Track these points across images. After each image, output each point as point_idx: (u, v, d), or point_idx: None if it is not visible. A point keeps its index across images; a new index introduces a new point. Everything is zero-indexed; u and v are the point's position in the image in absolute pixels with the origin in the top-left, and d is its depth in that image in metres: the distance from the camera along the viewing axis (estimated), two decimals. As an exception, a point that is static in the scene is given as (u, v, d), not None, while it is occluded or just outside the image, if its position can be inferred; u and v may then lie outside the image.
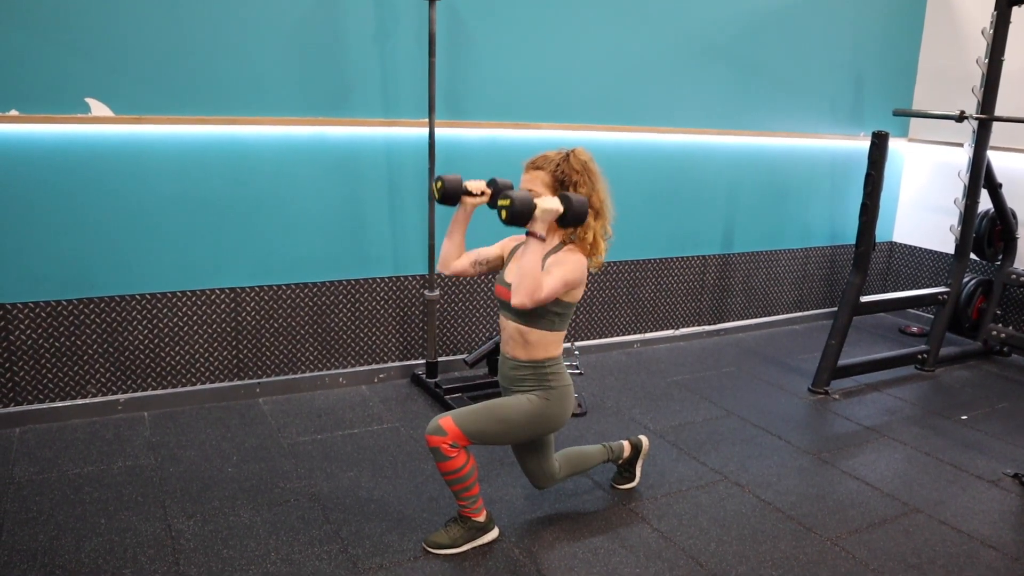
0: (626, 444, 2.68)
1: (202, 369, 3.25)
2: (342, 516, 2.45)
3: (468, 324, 3.81)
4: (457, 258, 2.34)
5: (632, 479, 2.72)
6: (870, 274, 5.10)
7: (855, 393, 3.78)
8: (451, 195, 2.25)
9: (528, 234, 2.05)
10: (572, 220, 2.07)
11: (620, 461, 2.69)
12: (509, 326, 2.25)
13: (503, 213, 2.03)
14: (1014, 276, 4.27)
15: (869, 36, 4.71)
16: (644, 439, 2.73)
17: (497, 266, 2.39)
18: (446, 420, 2.16)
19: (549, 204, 2.04)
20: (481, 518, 2.32)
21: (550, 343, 2.23)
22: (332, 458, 2.85)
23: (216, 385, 3.29)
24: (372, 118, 3.32)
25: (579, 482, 2.75)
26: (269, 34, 3.06)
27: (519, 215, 2.01)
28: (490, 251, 2.37)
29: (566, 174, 2.16)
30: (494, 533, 2.36)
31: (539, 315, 2.19)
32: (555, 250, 2.20)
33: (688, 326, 4.53)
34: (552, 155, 2.19)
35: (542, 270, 2.15)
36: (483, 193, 2.27)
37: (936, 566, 2.34)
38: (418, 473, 2.75)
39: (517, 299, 2.04)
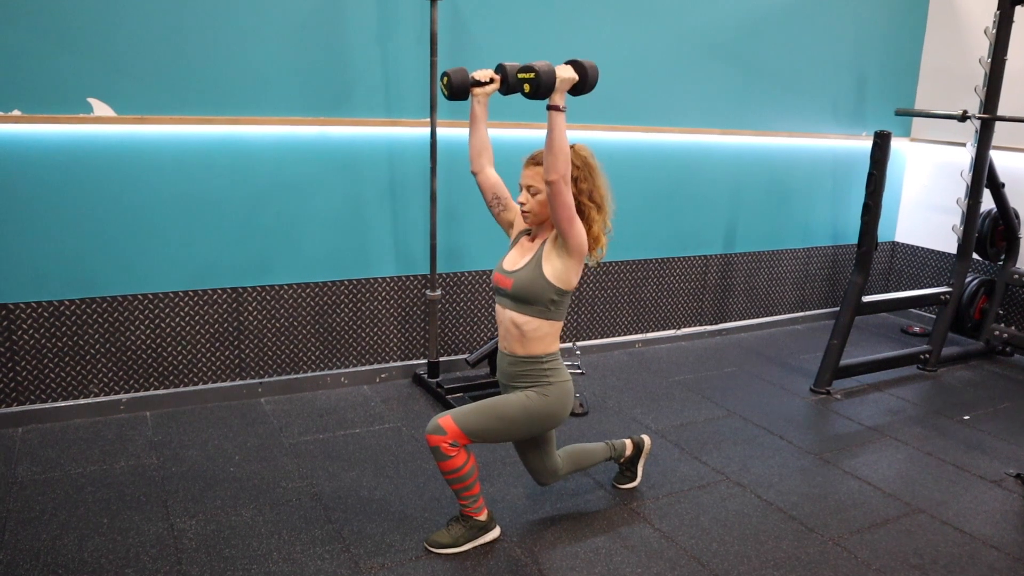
0: (628, 443, 2.69)
1: (204, 369, 3.26)
2: (344, 516, 2.46)
3: (470, 324, 3.81)
4: (483, 154, 2.33)
5: (634, 479, 2.72)
6: (872, 274, 5.10)
7: (857, 393, 3.78)
8: (459, 89, 2.22)
9: (549, 108, 2.04)
10: (587, 87, 2.06)
11: (622, 460, 2.69)
12: (505, 317, 2.25)
13: (526, 87, 2.01)
14: (1017, 276, 4.26)
15: (871, 35, 4.70)
16: (646, 438, 2.73)
17: (503, 221, 2.39)
18: (445, 419, 2.16)
19: (565, 73, 2.04)
20: (482, 517, 2.32)
21: (547, 336, 2.23)
22: (334, 458, 2.85)
23: (218, 385, 3.29)
24: (374, 118, 3.33)
25: (581, 482, 2.75)
26: (271, 34, 3.07)
27: (544, 85, 2.00)
28: (510, 203, 2.37)
29: None
30: (496, 532, 2.37)
31: (535, 301, 2.18)
32: (555, 238, 2.18)
33: (690, 326, 4.53)
34: None
35: (541, 257, 2.17)
36: (492, 80, 2.25)
37: (938, 566, 2.33)
38: (420, 473, 2.76)
39: (555, 174, 2.01)
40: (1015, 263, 4.32)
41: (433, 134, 3.29)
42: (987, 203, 4.18)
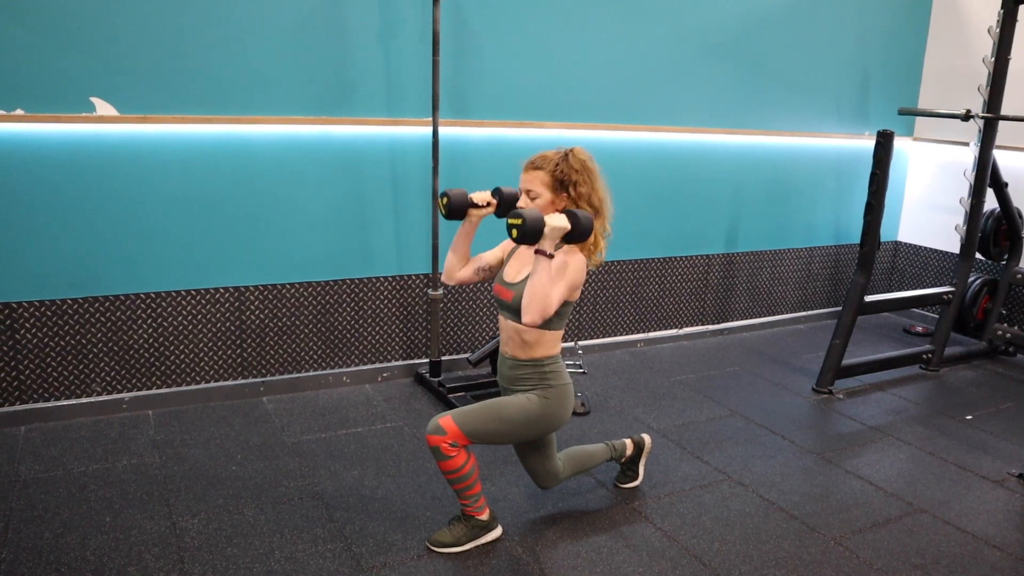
0: (628, 442, 2.68)
1: (207, 368, 3.26)
2: (346, 515, 2.46)
3: (471, 323, 3.81)
4: (457, 267, 2.35)
5: (635, 478, 2.72)
6: (875, 273, 5.09)
7: (859, 393, 3.77)
8: (458, 209, 2.25)
9: (536, 252, 2.05)
10: (579, 236, 2.07)
11: (623, 460, 2.69)
12: (508, 326, 2.25)
13: (514, 232, 2.03)
14: (1020, 276, 4.25)
15: (874, 34, 4.69)
16: (647, 437, 2.73)
17: (496, 267, 2.39)
18: (446, 419, 2.16)
19: (557, 222, 2.03)
20: (484, 516, 2.32)
21: (548, 342, 2.23)
22: (336, 457, 2.85)
23: (220, 384, 3.30)
24: (376, 117, 3.33)
25: (582, 481, 2.75)
26: (274, 33, 3.07)
27: (531, 234, 2.01)
28: (492, 255, 2.38)
29: (565, 173, 2.15)
30: (497, 532, 2.37)
31: None
32: (555, 249, 2.19)
33: (692, 325, 4.52)
34: (551, 154, 2.18)
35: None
36: (488, 204, 2.26)
37: (940, 566, 2.33)
38: (421, 472, 2.76)
39: (528, 318, 2.05)
40: (1018, 263, 4.31)
41: (435, 133, 3.29)
42: (990, 202, 4.18)
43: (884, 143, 3.53)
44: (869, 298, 3.82)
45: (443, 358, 3.69)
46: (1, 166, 2.76)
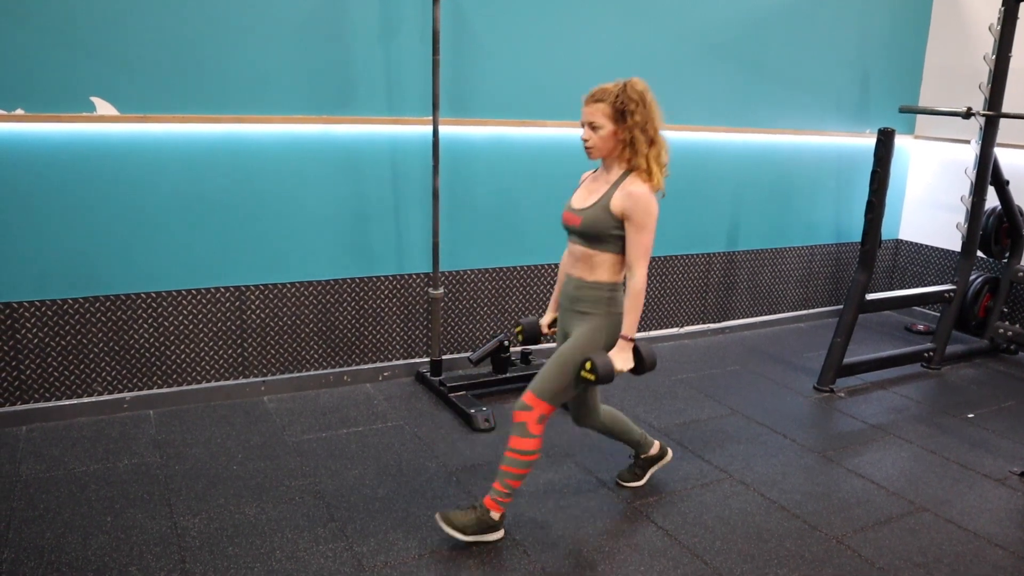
0: (657, 444, 2.74)
1: (207, 367, 3.26)
2: (347, 514, 2.46)
3: (472, 322, 3.81)
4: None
5: (639, 479, 2.73)
6: (876, 272, 5.08)
7: (861, 391, 3.77)
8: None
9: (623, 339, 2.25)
10: (604, 378, 2.20)
11: (642, 455, 2.72)
12: (576, 249, 2.32)
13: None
14: (1021, 274, 4.24)
15: (875, 33, 4.69)
16: (670, 452, 2.79)
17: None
18: (527, 395, 2.25)
19: (621, 362, 2.24)
20: (496, 514, 2.32)
21: (615, 266, 2.28)
22: (337, 456, 2.85)
23: (221, 383, 3.30)
24: (377, 116, 3.32)
25: (583, 480, 2.75)
26: (274, 33, 3.06)
27: (606, 378, 2.20)
28: None
29: (625, 104, 2.22)
30: (499, 534, 2.36)
31: (606, 239, 2.24)
32: (620, 179, 2.24)
33: (693, 324, 4.52)
34: (610, 87, 2.26)
35: (610, 201, 2.21)
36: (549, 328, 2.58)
37: (942, 564, 2.33)
38: (423, 471, 2.76)
39: (642, 272, 2.21)
40: (1020, 260, 4.31)
41: (435, 132, 3.29)
42: (991, 200, 4.17)
43: (885, 141, 3.53)
44: (870, 296, 3.82)
45: (444, 357, 3.69)
46: (2, 166, 2.76)
